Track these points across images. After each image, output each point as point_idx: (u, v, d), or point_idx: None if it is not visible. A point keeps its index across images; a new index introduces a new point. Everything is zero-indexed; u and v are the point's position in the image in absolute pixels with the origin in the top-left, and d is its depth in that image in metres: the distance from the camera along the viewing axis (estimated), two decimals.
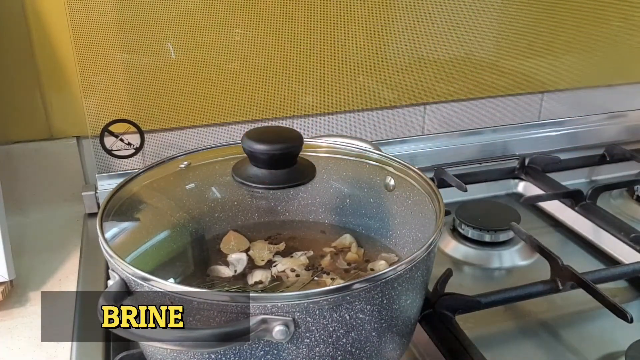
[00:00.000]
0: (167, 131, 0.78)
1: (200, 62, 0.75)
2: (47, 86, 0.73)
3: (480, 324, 0.59)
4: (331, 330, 0.40)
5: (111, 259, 0.43)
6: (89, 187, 0.76)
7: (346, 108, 0.84)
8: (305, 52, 0.79)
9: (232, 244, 0.56)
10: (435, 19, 0.83)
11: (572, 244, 0.76)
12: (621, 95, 1.00)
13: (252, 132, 0.51)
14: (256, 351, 0.40)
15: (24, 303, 0.60)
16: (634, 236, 0.71)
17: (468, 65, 0.88)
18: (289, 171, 0.51)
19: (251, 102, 0.79)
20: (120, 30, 0.71)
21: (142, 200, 0.55)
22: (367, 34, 0.81)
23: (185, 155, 0.59)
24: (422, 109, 0.89)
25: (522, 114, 0.95)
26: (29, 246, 0.70)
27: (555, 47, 0.92)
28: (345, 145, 0.60)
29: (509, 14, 0.87)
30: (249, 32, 0.76)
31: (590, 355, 0.57)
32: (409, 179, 0.56)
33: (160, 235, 0.55)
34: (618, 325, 0.55)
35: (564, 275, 0.60)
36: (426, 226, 0.51)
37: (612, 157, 0.93)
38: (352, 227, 0.59)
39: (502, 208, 0.78)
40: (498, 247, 0.72)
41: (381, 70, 0.84)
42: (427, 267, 0.46)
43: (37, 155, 0.75)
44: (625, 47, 0.97)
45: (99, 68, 0.72)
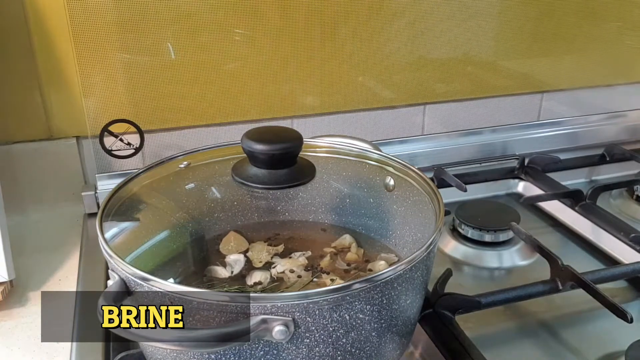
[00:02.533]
0: (167, 131, 0.78)
1: (200, 62, 0.75)
2: (47, 86, 0.73)
3: (480, 324, 0.59)
4: (331, 330, 0.40)
5: (111, 259, 0.43)
6: (88, 187, 0.76)
7: (346, 108, 0.84)
8: (305, 52, 0.79)
9: (232, 245, 0.56)
10: (435, 19, 0.83)
11: (572, 244, 0.76)
12: (621, 95, 1.00)
13: (251, 132, 0.51)
14: (256, 351, 0.40)
15: (24, 303, 0.60)
16: (634, 236, 0.71)
17: (468, 65, 0.88)
18: (288, 171, 0.51)
19: (251, 102, 0.79)
20: (120, 30, 0.71)
21: (141, 200, 0.55)
22: (366, 33, 0.81)
23: (185, 155, 0.59)
24: (422, 108, 0.89)
25: (521, 114, 0.95)
26: (29, 246, 0.70)
27: (555, 47, 0.92)
28: (345, 145, 0.60)
29: (508, 14, 0.87)
30: (248, 32, 0.76)
31: (590, 355, 0.56)
32: (409, 179, 0.56)
33: (160, 236, 0.55)
34: (618, 325, 0.55)
35: (564, 275, 0.60)
36: (426, 226, 0.51)
37: (612, 157, 0.93)
38: (351, 227, 0.59)
39: (502, 208, 0.78)
40: (498, 247, 0.72)
41: (381, 70, 0.84)
42: (427, 267, 0.46)
43: (37, 155, 0.75)
44: (625, 47, 0.97)
45: (98, 68, 0.72)
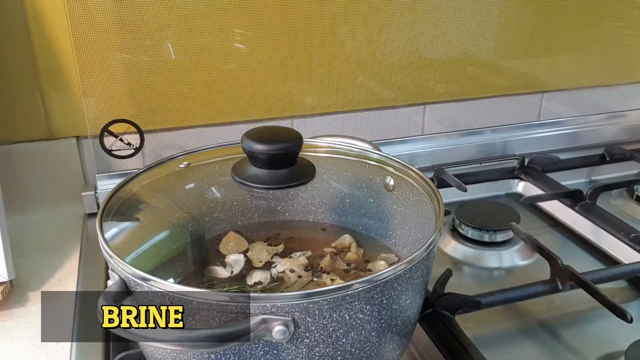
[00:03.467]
0: (167, 131, 0.78)
1: (200, 62, 0.75)
2: (47, 86, 0.73)
3: (480, 324, 0.59)
4: (331, 330, 0.40)
5: (111, 259, 0.43)
6: (88, 187, 0.76)
7: (346, 108, 0.84)
8: (305, 52, 0.79)
9: (231, 245, 0.56)
10: (435, 19, 0.83)
11: (571, 244, 0.76)
12: (621, 95, 1.00)
13: (251, 132, 0.51)
14: (256, 351, 0.40)
15: (24, 303, 0.60)
16: (634, 236, 0.71)
17: (468, 65, 0.88)
18: (288, 171, 0.51)
19: (251, 102, 0.79)
20: (120, 30, 0.71)
21: (141, 200, 0.55)
22: (366, 33, 0.81)
23: (184, 155, 0.59)
24: (422, 108, 0.89)
25: (521, 114, 0.95)
26: (29, 246, 0.70)
27: (555, 47, 0.92)
28: (345, 145, 0.60)
29: (508, 13, 0.87)
30: (248, 32, 0.76)
31: (590, 355, 0.56)
32: (409, 179, 0.56)
33: (159, 236, 0.55)
34: (618, 325, 0.55)
35: (564, 275, 0.60)
36: (426, 226, 0.51)
37: (612, 157, 0.93)
38: (351, 227, 0.59)
39: (502, 208, 0.78)
40: (498, 247, 0.72)
41: (381, 70, 0.84)
42: (426, 267, 0.46)
43: (37, 155, 0.75)
44: (625, 47, 0.97)
45: (98, 68, 0.72)
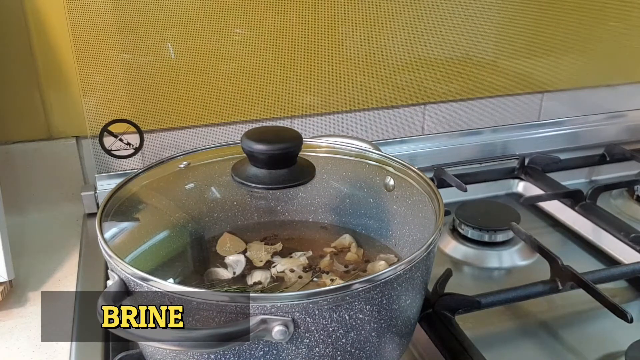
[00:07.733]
0: (167, 131, 0.78)
1: (199, 62, 0.75)
2: (47, 86, 0.73)
3: (480, 324, 0.59)
4: (331, 330, 0.40)
5: (110, 259, 0.43)
6: (88, 187, 0.76)
7: (345, 108, 0.84)
8: (305, 52, 0.79)
9: (228, 246, 0.56)
10: (435, 19, 0.83)
11: (572, 244, 0.76)
12: (621, 95, 1.00)
13: (251, 132, 0.51)
14: (256, 351, 0.40)
15: (24, 303, 0.60)
16: (634, 236, 0.71)
17: (468, 65, 0.88)
18: (288, 171, 0.51)
19: (250, 102, 0.79)
20: (120, 30, 0.71)
21: (141, 201, 0.55)
22: (366, 33, 0.81)
23: (184, 155, 0.59)
24: (422, 108, 0.89)
25: (521, 114, 0.95)
26: (29, 246, 0.70)
27: (555, 47, 0.92)
28: (344, 145, 0.60)
29: (508, 13, 0.87)
30: (248, 32, 0.75)
31: (590, 355, 0.56)
32: (409, 179, 0.55)
33: (159, 236, 0.55)
34: (618, 325, 0.55)
35: (564, 276, 0.60)
36: (426, 226, 0.51)
37: (612, 157, 0.93)
38: (351, 227, 0.59)
39: (502, 208, 0.78)
40: (498, 247, 0.72)
41: (380, 70, 0.84)
42: (426, 267, 0.46)
43: (37, 155, 0.75)
44: (625, 47, 0.97)
45: (98, 68, 0.71)
